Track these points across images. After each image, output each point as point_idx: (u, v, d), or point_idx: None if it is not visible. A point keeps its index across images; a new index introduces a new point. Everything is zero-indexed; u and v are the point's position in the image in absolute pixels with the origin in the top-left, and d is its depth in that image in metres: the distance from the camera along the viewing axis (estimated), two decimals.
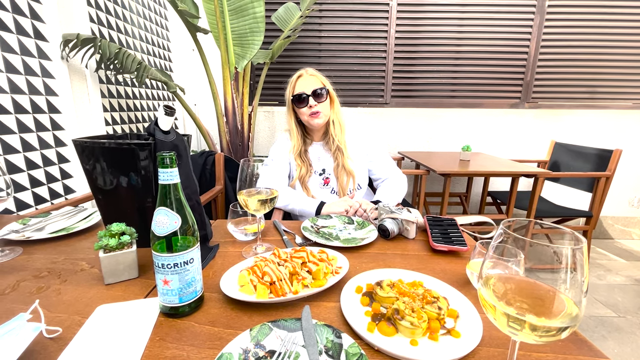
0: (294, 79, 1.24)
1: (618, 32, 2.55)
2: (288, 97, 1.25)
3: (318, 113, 1.21)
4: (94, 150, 0.73)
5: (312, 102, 1.20)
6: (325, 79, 1.26)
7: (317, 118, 1.22)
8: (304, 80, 1.22)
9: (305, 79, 1.23)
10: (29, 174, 1.27)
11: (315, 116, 1.21)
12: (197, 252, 0.55)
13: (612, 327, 1.68)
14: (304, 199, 1.21)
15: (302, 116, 1.25)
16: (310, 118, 1.22)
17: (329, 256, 0.69)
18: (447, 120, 2.70)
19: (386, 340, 0.48)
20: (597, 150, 2.18)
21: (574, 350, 0.47)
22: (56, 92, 1.39)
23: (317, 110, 1.21)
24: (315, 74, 1.25)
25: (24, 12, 1.25)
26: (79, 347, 0.47)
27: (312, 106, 1.20)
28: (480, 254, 0.61)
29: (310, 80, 1.22)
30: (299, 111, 1.25)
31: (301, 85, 1.22)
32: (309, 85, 1.21)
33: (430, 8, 2.53)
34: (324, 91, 1.21)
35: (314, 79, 1.23)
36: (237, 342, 0.46)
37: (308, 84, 1.21)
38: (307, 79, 1.22)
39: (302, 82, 1.22)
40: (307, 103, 1.20)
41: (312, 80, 1.22)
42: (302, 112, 1.24)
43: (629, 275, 2.21)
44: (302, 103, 1.21)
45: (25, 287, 0.63)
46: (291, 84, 1.24)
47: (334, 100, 1.27)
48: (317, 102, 1.20)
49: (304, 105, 1.21)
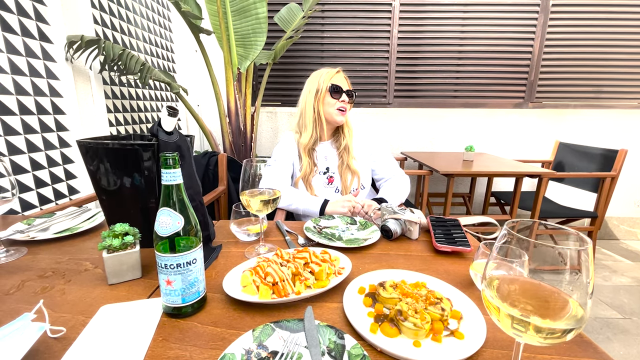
0: (332, 72, 1.26)
1: (623, 30, 2.52)
2: (322, 85, 1.24)
3: (345, 110, 1.26)
4: (98, 151, 0.73)
5: (345, 98, 1.25)
6: None
7: (342, 115, 1.26)
8: (341, 77, 1.28)
9: (342, 76, 1.28)
10: (33, 175, 1.28)
11: (342, 112, 1.26)
12: (200, 252, 0.55)
13: (618, 329, 1.66)
14: (307, 198, 1.22)
15: (329, 107, 1.25)
16: (337, 112, 1.25)
17: (332, 257, 0.69)
18: (450, 120, 2.69)
19: (389, 342, 0.48)
20: (602, 150, 2.16)
21: (579, 352, 0.47)
22: (60, 94, 1.40)
23: (345, 107, 1.26)
24: (347, 78, 1.31)
25: (29, 14, 1.26)
26: (83, 346, 0.47)
27: (345, 101, 1.25)
28: (484, 255, 0.61)
29: (345, 80, 1.29)
30: (328, 101, 1.24)
31: (339, 80, 1.26)
32: (346, 83, 1.28)
33: (432, 8, 2.52)
34: (354, 94, 1.29)
35: (347, 81, 1.30)
36: (240, 343, 0.46)
37: (344, 81, 1.28)
38: (343, 78, 1.29)
39: (339, 78, 1.27)
40: (341, 97, 1.25)
41: (346, 81, 1.29)
42: (331, 104, 1.25)
43: (634, 276, 2.19)
44: (338, 94, 1.24)
45: (30, 287, 0.63)
46: (328, 74, 1.25)
47: (351, 105, 1.33)
48: (348, 101, 1.26)
49: (337, 97, 1.24)
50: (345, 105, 1.25)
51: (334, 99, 1.24)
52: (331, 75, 1.25)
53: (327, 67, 1.28)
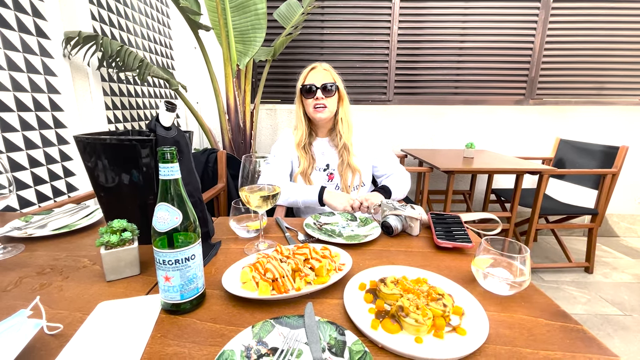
0: (307, 70, 1.25)
1: (624, 27, 2.51)
2: (298, 87, 1.26)
3: (323, 107, 1.22)
4: (96, 147, 0.72)
5: (320, 95, 1.21)
6: (338, 76, 1.27)
7: (321, 112, 1.22)
8: (316, 72, 1.24)
9: (317, 71, 1.24)
10: (31, 172, 1.27)
11: (319, 110, 1.22)
12: (198, 248, 0.54)
13: (618, 326, 1.66)
14: (303, 188, 1.22)
15: (307, 107, 1.25)
16: (314, 111, 1.23)
17: (332, 253, 0.69)
18: (450, 117, 2.68)
19: (390, 338, 0.47)
20: (603, 147, 2.15)
21: (583, 348, 0.46)
22: (58, 90, 1.39)
23: (323, 104, 1.21)
24: (329, 69, 1.26)
25: (26, 10, 1.25)
26: (80, 343, 0.46)
27: (319, 99, 1.21)
28: (486, 251, 0.60)
29: (322, 74, 1.24)
30: (305, 102, 1.25)
31: (312, 77, 1.23)
32: (320, 79, 1.22)
33: (433, 4, 2.50)
34: (333, 87, 1.22)
35: (326, 73, 1.24)
36: (239, 339, 0.46)
37: (319, 77, 1.23)
38: (320, 73, 1.24)
39: (313, 75, 1.23)
40: (315, 95, 1.21)
41: (323, 75, 1.23)
42: (307, 104, 1.24)
43: (635, 273, 2.19)
44: (309, 94, 1.22)
45: (28, 284, 0.63)
46: (303, 74, 1.25)
47: (343, 98, 1.27)
48: (324, 96, 1.21)
49: (311, 97, 1.22)
50: (320, 103, 1.21)
51: (307, 98, 1.23)
52: (304, 75, 1.24)
53: (309, 65, 1.26)
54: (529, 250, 0.58)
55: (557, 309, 0.55)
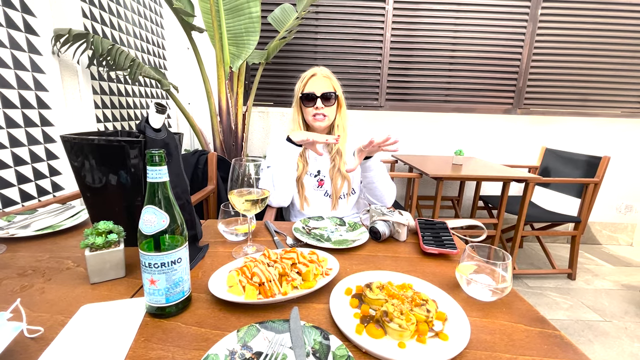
0: (307, 76, 1.23)
1: (609, 41, 2.60)
2: (297, 93, 1.25)
3: (323, 116, 1.22)
4: (83, 147, 0.71)
5: (320, 104, 1.20)
6: (338, 83, 1.26)
7: (321, 121, 1.23)
8: (317, 80, 1.22)
9: (318, 79, 1.22)
10: (15, 170, 1.24)
11: (319, 119, 1.22)
12: (185, 251, 0.54)
13: (599, 332, 1.70)
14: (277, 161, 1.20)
15: (306, 115, 1.25)
16: (314, 119, 1.23)
17: (320, 257, 0.69)
18: (440, 124, 2.72)
19: (374, 343, 0.48)
20: (586, 156, 2.22)
21: (559, 353, 0.48)
22: (46, 88, 1.37)
23: (323, 113, 1.21)
24: (329, 76, 1.25)
25: (14, 6, 1.23)
26: (61, 347, 0.46)
27: (319, 108, 1.21)
28: (470, 257, 0.62)
29: (322, 82, 1.22)
30: (304, 109, 1.25)
31: (312, 85, 1.22)
32: (320, 87, 1.21)
33: (425, 13, 2.55)
34: (333, 95, 1.22)
35: (327, 81, 1.23)
36: (224, 343, 0.46)
37: (320, 85, 1.21)
38: (320, 80, 1.22)
39: (314, 82, 1.22)
40: (315, 104, 1.20)
41: (324, 83, 1.22)
42: (307, 112, 1.24)
43: (615, 280, 2.25)
44: (309, 102, 1.21)
45: (8, 286, 0.61)
46: (303, 80, 1.24)
47: (341, 105, 1.27)
48: (324, 105, 1.21)
49: (311, 105, 1.21)
50: (320, 112, 1.21)
51: (307, 107, 1.23)
52: (304, 82, 1.23)
53: (311, 68, 1.25)
54: (511, 257, 0.60)
55: (536, 315, 0.57)
